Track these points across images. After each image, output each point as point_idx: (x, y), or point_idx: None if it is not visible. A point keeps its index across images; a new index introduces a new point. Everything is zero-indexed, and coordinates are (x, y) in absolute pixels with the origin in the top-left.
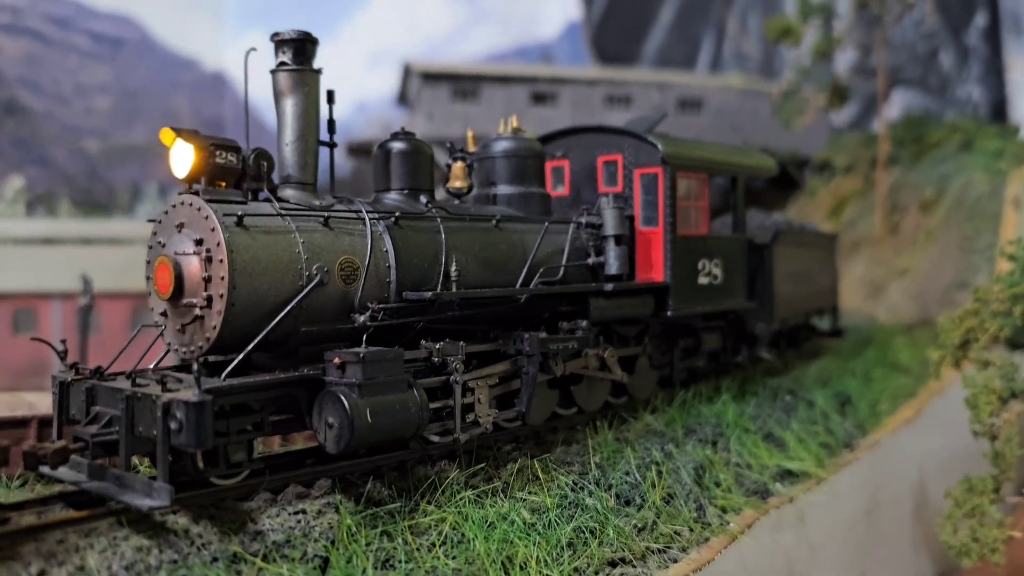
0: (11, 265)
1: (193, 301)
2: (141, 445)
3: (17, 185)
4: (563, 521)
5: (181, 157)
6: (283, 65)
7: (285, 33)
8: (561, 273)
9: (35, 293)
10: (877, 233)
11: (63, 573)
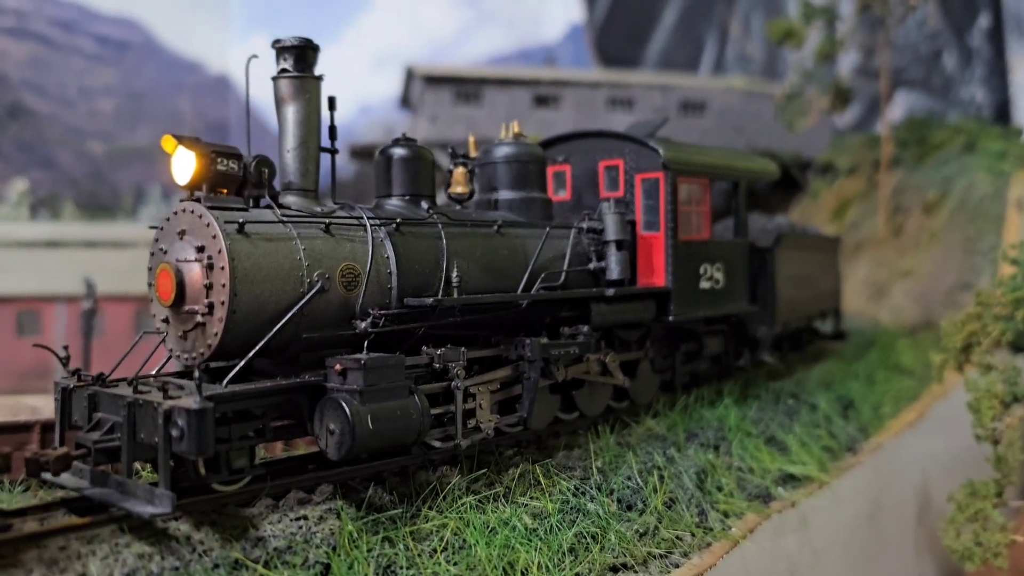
0: (15, 268)
1: (195, 308)
2: (143, 452)
3: (21, 188)
4: (565, 526)
5: (183, 164)
6: (284, 72)
7: (286, 40)
8: (562, 278)
9: (39, 296)
10: (880, 235)
11: None
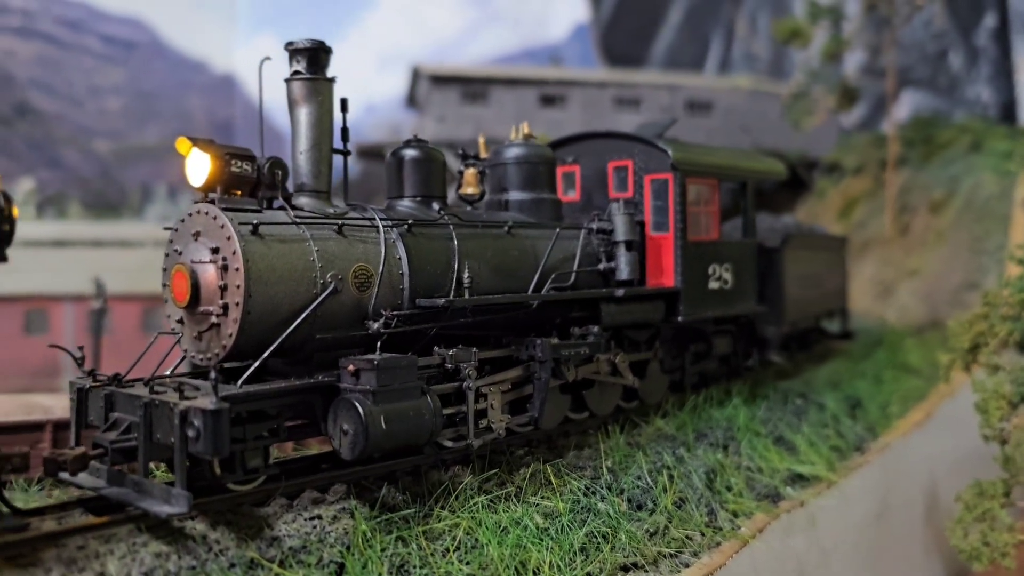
0: (23, 267)
1: (209, 309)
2: (159, 451)
3: (28, 187)
4: (576, 526)
5: (197, 166)
6: (297, 74)
7: (299, 42)
8: (572, 279)
9: (47, 295)
10: (887, 234)
11: None
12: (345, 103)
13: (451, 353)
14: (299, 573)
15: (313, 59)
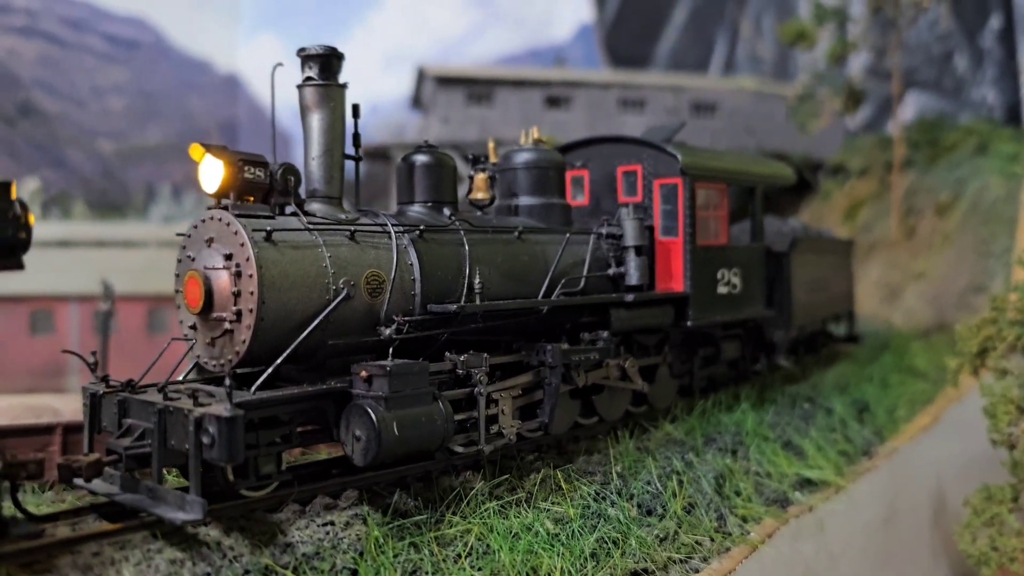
0: (28, 267)
1: (223, 315)
2: (173, 458)
3: (32, 187)
4: (586, 531)
5: (211, 172)
6: (309, 80)
7: (312, 48)
8: (582, 284)
9: (52, 295)
10: (893, 236)
11: None
12: (357, 109)
13: (462, 359)
14: None
15: (325, 65)
